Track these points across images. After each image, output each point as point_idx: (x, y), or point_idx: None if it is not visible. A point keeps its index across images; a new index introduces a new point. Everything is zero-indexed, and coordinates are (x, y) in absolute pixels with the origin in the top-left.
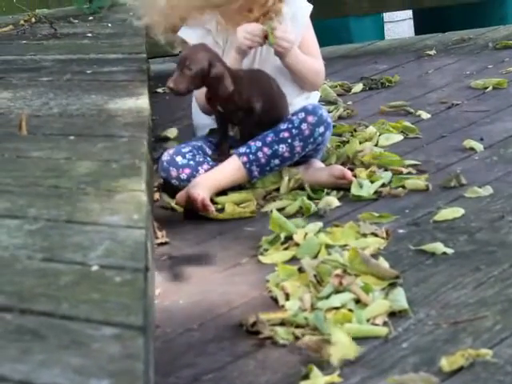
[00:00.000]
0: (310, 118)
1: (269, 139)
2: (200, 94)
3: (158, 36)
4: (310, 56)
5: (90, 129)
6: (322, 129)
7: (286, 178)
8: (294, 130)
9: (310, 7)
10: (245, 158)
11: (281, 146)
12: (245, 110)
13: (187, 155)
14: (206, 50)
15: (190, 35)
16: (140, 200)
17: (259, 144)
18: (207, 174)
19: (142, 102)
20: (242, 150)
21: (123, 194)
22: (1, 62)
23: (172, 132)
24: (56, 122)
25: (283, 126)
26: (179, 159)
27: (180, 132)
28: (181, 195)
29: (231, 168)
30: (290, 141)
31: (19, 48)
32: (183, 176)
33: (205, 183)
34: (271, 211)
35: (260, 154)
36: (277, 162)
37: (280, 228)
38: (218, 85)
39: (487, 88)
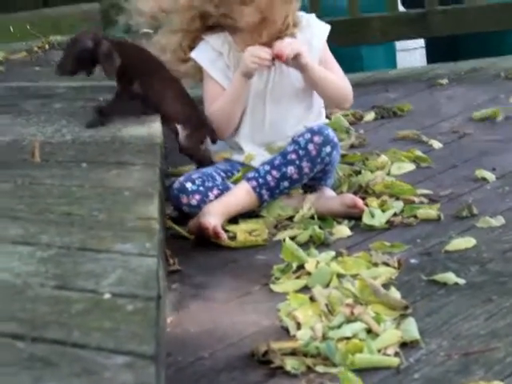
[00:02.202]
0: (316, 138)
1: (277, 162)
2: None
3: (174, 65)
4: (333, 74)
5: (103, 156)
6: (328, 148)
7: (305, 207)
8: (300, 151)
9: (327, 28)
10: (254, 183)
11: (289, 167)
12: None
13: (197, 181)
14: (94, 34)
15: (202, 57)
16: (152, 228)
17: (267, 167)
18: (218, 201)
19: (155, 129)
20: (251, 174)
21: (136, 221)
22: (14, 89)
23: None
24: (69, 149)
25: (290, 147)
26: (189, 185)
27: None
28: (193, 223)
29: (241, 193)
30: (297, 162)
31: (32, 74)
32: (193, 202)
33: (216, 210)
34: (284, 240)
35: (269, 178)
36: (286, 184)
37: (292, 256)
38: (107, 62)
39: (499, 117)
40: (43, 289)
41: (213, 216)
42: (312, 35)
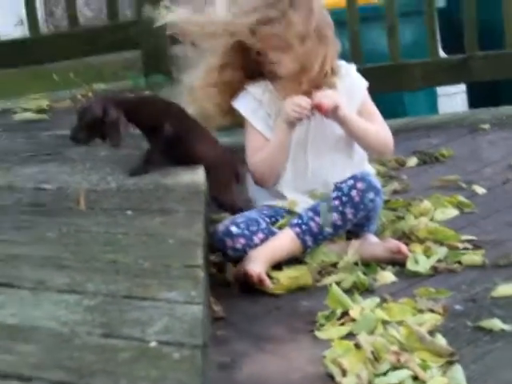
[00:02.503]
0: (360, 185)
1: (320, 209)
2: (255, 166)
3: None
4: (373, 123)
5: (147, 203)
6: (371, 195)
7: (349, 253)
8: (344, 198)
9: (366, 84)
10: (297, 229)
11: (332, 214)
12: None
13: (241, 225)
14: (103, 99)
15: (244, 108)
16: (197, 275)
17: (311, 214)
18: (262, 247)
19: (198, 176)
20: (295, 221)
21: (181, 269)
22: (59, 137)
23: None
24: (114, 197)
25: (333, 194)
26: (234, 229)
27: None
28: (237, 270)
29: (286, 240)
30: (340, 208)
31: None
32: (238, 246)
33: (261, 257)
34: (330, 285)
35: (312, 224)
36: (330, 230)
37: (337, 303)
38: (112, 131)
39: None
40: (90, 337)
41: (257, 263)
42: (352, 85)
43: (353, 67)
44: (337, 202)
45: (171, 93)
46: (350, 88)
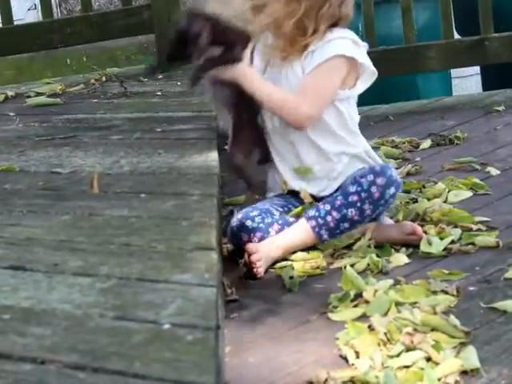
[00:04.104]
0: (380, 180)
1: (338, 203)
2: None
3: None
4: (299, 93)
5: (161, 187)
6: (392, 190)
7: (366, 236)
8: (363, 194)
9: (335, 53)
10: (314, 222)
11: (350, 210)
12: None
13: (256, 219)
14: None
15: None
16: (211, 258)
17: (328, 207)
18: (277, 239)
19: (212, 159)
20: (311, 213)
21: (194, 252)
22: (72, 121)
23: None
24: (127, 180)
25: (352, 188)
26: (249, 223)
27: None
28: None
29: (301, 232)
30: (359, 204)
31: (90, 107)
32: (255, 240)
33: (273, 248)
34: (345, 267)
35: (329, 218)
36: (346, 225)
37: (351, 285)
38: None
39: None
40: (103, 320)
41: (264, 258)
42: (323, 46)
43: (350, 34)
44: (355, 198)
45: None
46: (321, 48)
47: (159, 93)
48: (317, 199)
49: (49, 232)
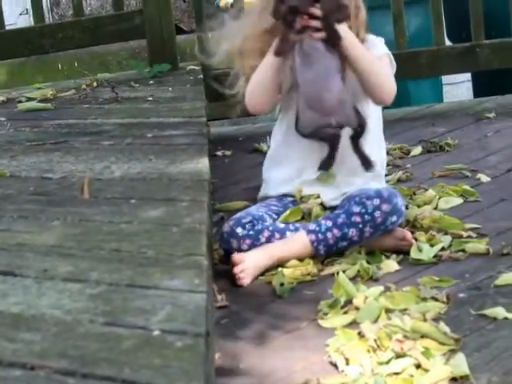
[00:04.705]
0: (385, 207)
1: (340, 221)
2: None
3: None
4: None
5: (151, 192)
6: (394, 218)
7: None
8: (366, 216)
9: (387, 52)
10: (313, 237)
11: (351, 229)
12: None
13: (247, 226)
14: None
15: None
16: (201, 264)
17: (329, 224)
18: (273, 247)
19: (202, 165)
20: (312, 227)
21: (184, 258)
22: (63, 126)
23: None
24: (118, 186)
25: (356, 208)
26: (239, 230)
27: (238, 195)
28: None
29: (299, 244)
30: (360, 226)
31: (81, 112)
32: (244, 247)
33: (267, 256)
34: (337, 273)
35: (329, 235)
36: (344, 244)
37: (342, 291)
38: None
39: None
40: (93, 325)
41: (251, 268)
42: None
43: (381, 40)
44: (358, 219)
45: None
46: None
47: (150, 98)
48: (325, 207)
49: (39, 237)
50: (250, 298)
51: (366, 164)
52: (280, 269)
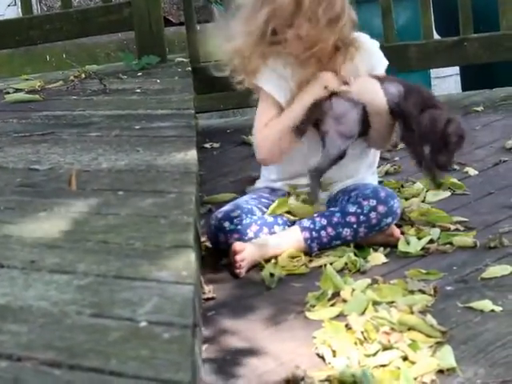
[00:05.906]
0: (381, 208)
1: (335, 219)
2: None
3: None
4: None
5: (139, 184)
6: (389, 219)
7: None
8: (361, 217)
9: (386, 64)
10: (307, 234)
11: (345, 229)
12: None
13: (235, 220)
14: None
15: (267, 83)
16: (188, 256)
17: (324, 222)
18: (268, 240)
19: (190, 157)
20: (306, 223)
21: (171, 249)
22: (51, 118)
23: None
24: (105, 178)
25: (352, 208)
26: (227, 224)
27: (226, 187)
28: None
29: (292, 240)
30: (355, 226)
31: (69, 103)
32: (232, 241)
33: (260, 250)
34: (325, 266)
35: (323, 233)
36: (338, 242)
37: (329, 284)
38: None
39: None
40: (80, 317)
41: (249, 257)
42: (376, 62)
43: (375, 43)
44: (353, 219)
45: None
46: (373, 65)
47: (138, 90)
48: None
49: (26, 229)
50: (238, 290)
51: (312, 195)
52: (273, 260)
